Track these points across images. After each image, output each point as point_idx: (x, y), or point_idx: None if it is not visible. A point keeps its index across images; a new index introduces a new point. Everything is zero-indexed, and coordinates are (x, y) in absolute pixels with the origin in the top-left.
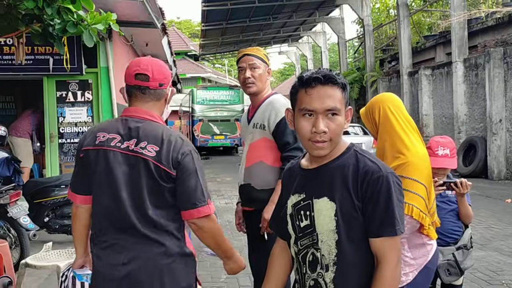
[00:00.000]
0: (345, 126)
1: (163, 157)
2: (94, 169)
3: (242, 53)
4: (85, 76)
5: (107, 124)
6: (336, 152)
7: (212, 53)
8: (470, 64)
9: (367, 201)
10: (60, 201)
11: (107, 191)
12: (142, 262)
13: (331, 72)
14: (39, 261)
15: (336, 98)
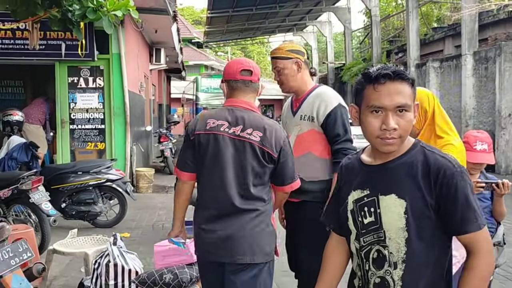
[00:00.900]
0: (413, 122)
1: (266, 142)
2: (205, 150)
3: (271, 56)
4: (97, 62)
5: (216, 112)
6: (402, 149)
7: (217, 40)
8: (480, 57)
9: (444, 199)
10: (77, 187)
11: (216, 170)
12: (239, 230)
13: (398, 68)
14: (67, 248)
15: (406, 94)
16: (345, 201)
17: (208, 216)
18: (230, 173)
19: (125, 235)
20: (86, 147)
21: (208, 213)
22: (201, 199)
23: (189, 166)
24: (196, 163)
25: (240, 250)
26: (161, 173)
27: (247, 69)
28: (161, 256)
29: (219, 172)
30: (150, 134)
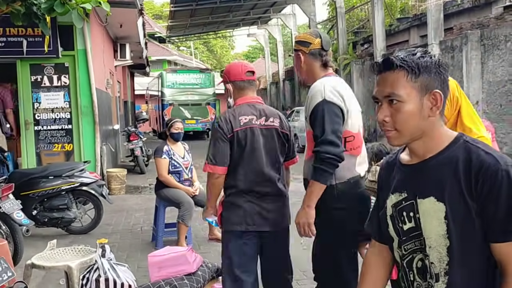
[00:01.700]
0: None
1: (284, 126)
2: (244, 143)
3: None
4: (61, 59)
5: (242, 109)
6: (440, 145)
7: (180, 35)
8: (446, 47)
9: (485, 201)
10: (48, 192)
11: (254, 157)
12: (277, 204)
13: (395, 55)
14: (47, 261)
15: (397, 83)
16: (384, 205)
17: (252, 198)
18: (265, 158)
19: (103, 241)
20: (53, 148)
21: (252, 195)
22: (241, 184)
23: (226, 161)
24: (229, 157)
25: (281, 218)
26: (132, 173)
27: (250, 70)
28: (157, 268)
29: (258, 159)
30: (118, 132)
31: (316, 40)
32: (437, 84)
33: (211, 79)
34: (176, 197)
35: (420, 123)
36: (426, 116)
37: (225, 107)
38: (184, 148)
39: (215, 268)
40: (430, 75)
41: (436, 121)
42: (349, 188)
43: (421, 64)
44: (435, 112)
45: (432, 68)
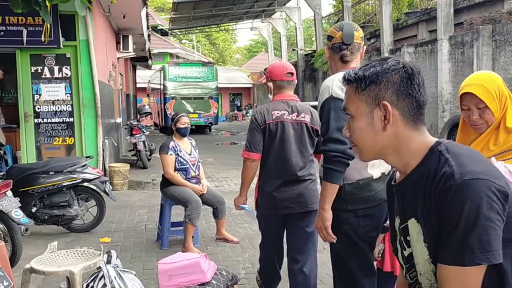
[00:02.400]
0: (381, 127)
1: (314, 121)
2: (275, 134)
3: None
4: (62, 50)
5: (276, 105)
6: (416, 158)
7: (183, 28)
8: (456, 42)
9: (440, 218)
10: (49, 189)
11: (284, 148)
12: (305, 189)
13: (358, 69)
14: (47, 265)
15: (348, 98)
16: (394, 230)
17: (280, 183)
18: (295, 149)
19: (106, 240)
20: (53, 142)
21: (280, 180)
22: (272, 172)
23: (260, 148)
24: (262, 145)
25: (309, 201)
26: (134, 168)
27: (290, 72)
28: (167, 276)
29: (287, 149)
30: (120, 126)
31: (338, 34)
32: (390, 95)
33: (214, 73)
34: (183, 196)
35: (376, 138)
36: (380, 130)
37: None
38: (191, 144)
39: (229, 276)
40: (378, 85)
41: (404, 133)
42: (358, 190)
43: (369, 74)
44: (386, 126)
45: (381, 76)
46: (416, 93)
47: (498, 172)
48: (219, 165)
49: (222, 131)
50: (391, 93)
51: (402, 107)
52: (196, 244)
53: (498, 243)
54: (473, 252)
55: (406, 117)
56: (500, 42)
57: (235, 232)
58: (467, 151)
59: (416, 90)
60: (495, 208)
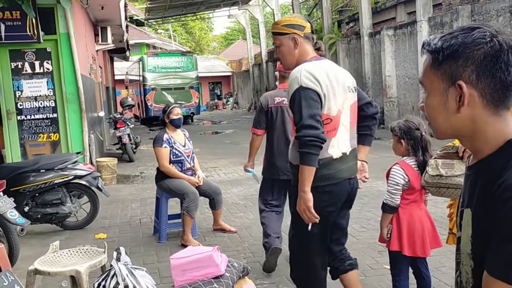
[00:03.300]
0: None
1: None
2: (276, 116)
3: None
4: (43, 44)
5: (278, 92)
6: (487, 147)
7: (159, 17)
8: (435, 23)
9: (493, 224)
10: (40, 187)
11: (282, 127)
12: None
13: (438, 37)
14: (51, 266)
15: (424, 71)
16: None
17: (280, 155)
18: (291, 128)
19: (101, 236)
20: (38, 139)
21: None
22: (274, 146)
23: (263, 126)
24: (266, 124)
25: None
26: (120, 161)
27: None
28: (181, 271)
29: (284, 128)
30: (103, 120)
31: (308, 25)
32: (469, 73)
33: (193, 62)
34: (180, 188)
35: (450, 118)
36: (454, 111)
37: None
38: (184, 135)
39: (241, 267)
40: (456, 61)
41: (482, 116)
42: (318, 168)
43: (447, 46)
44: (460, 108)
45: (461, 51)
46: (501, 73)
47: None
48: (206, 155)
49: (204, 120)
50: (470, 72)
51: (483, 88)
52: (194, 235)
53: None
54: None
55: (487, 99)
56: (479, 21)
57: (231, 222)
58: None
59: (503, 69)
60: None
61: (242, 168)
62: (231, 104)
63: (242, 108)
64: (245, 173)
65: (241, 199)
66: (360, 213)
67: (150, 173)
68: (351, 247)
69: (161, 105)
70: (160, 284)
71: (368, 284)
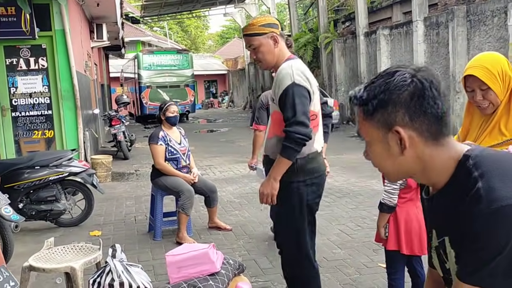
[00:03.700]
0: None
1: None
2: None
3: (243, 34)
4: (38, 41)
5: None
6: (443, 177)
7: (155, 15)
8: (431, 23)
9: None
10: (35, 183)
11: None
12: None
13: (363, 87)
14: (46, 262)
15: (359, 122)
16: (430, 241)
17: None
18: None
19: (96, 233)
20: (33, 136)
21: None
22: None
23: (265, 122)
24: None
25: None
26: (115, 159)
27: None
28: (176, 268)
29: None
30: (98, 117)
31: (278, 23)
32: (401, 116)
33: (189, 60)
34: (176, 186)
35: (396, 162)
36: (398, 154)
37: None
38: (180, 133)
39: (237, 264)
40: (386, 109)
41: (426, 152)
42: (307, 163)
43: (373, 97)
44: (403, 151)
45: (388, 98)
46: (431, 108)
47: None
48: (201, 153)
49: (199, 118)
50: (402, 115)
51: (418, 127)
52: (189, 233)
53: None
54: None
55: (425, 136)
56: (474, 22)
57: (226, 219)
58: (498, 164)
59: (431, 104)
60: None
61: (237, 166)
62: (227, 103)
63: (237, 106)
64: (241, 171)
65: (236, 197)
66: (355, 211)
67: (145, 170)
68: (346, 246)
69: (156, 103)
70: (155, 281)
71: (362, 282)
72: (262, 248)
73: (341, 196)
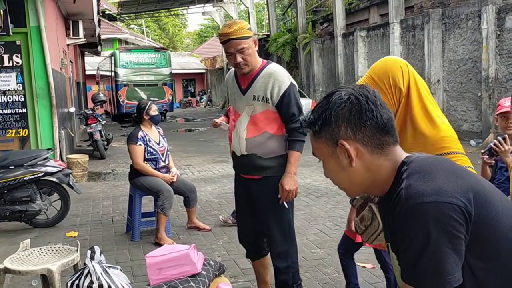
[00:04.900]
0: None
1: None
2: None
3: (227, 38)
4: (12, 37)
5: None
6: (387, 184)
7: (132, 12)
8: (407, 25)
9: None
10: (9, 184)
11: None
12: None
13: (307, 114)
14: (22, 264)
15: (313, 144)
16: None
17: None
18: None
19: (72, 234)
20: (6, 134)
21: None
22: None
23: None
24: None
25: None
26: (91, 158)
27: None
28: (157, 270)
29: None
30: (73, 116)
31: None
32: (344, 131)
33: (167, 59)
34: (154, 186)
35: (350, 175)
36: (348, 166)
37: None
38: (159, 133)
39: (217, 265)
40: (330, 125)
41: (373, 162)
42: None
43: (318, 117)
44: (351, 162)
45: (329, 116)
46: (370, 120)
47: (460, 182)
48: (180, 152)
49: (177, 118)
50: (345, 129)
51: (361, 138)
52: (168, 234)
53: (453, 267)
54: (426, 278)
55: (370, 146)
56: (449, 25)
57: (205, 220)
58: (426, 166)
59: (369, 116)
60: (447, 231)
61: (216, 166)
62: (205, 102)
63: (215, 105)
64: (219, 171)
65: (215, 197)
66: (333, 211)
67: (122, 170)
68: (325, 245)
69: (133, 101)
70: (134, 283)
71: (341, 281)
72: (241, 249)
73: (320, 196)
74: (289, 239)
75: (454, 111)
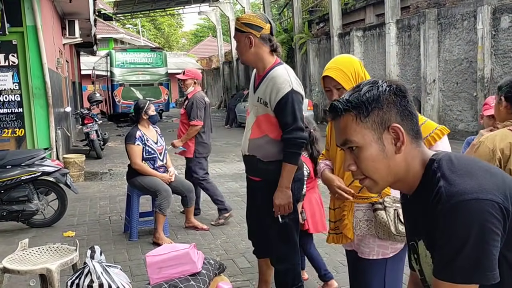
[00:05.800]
0: (393, 152)
1: None
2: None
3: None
4: (8, 37)
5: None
6: (416, 180)
7: (128, 12)
8: (403, 25)
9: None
10: (6, 183)
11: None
12: None
13: (340, 98)
14: (21, 264)
15: (348, 129)
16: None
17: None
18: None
19: (70, 234)
20: (2, 134)
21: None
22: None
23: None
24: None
25: None
26: (88, 158)
27: None
28: (157, 269)
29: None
30: (69, 115)
31: (267, 26)
32: (394, 116)
33: (163, 58)
34: (152, 185)
35: (390, 164)
36: (393, 154)
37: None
38: (156, 132)
39: (217, 264)
40: (381, 109)
41: (411, 152)
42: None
43: (367, 99)
44: (400, 148)
45: (382, 99)
46: (413, 109)
47: (495, 180)
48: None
49: (173, 117)
50: (395, 114)
51: (407, 126)
52: (166, 233)
53: (493, 263)
54: (465, 274)
55: (411, 135)
56: (445, 25)
57: (202, 219)
58: (458, 164)
59: (412, 106)
60: (487, 228)
61: (212, 166)
62: None
63: (211, 105)
64: (216, 171)
65: None
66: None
67: (118, 170)
68: (322, 244)
69: (129, 101)
70: (132, 282)
71: (339, 280)
72: (239, 248)
73: None
74: (288, 242)
75: (450, 111)
